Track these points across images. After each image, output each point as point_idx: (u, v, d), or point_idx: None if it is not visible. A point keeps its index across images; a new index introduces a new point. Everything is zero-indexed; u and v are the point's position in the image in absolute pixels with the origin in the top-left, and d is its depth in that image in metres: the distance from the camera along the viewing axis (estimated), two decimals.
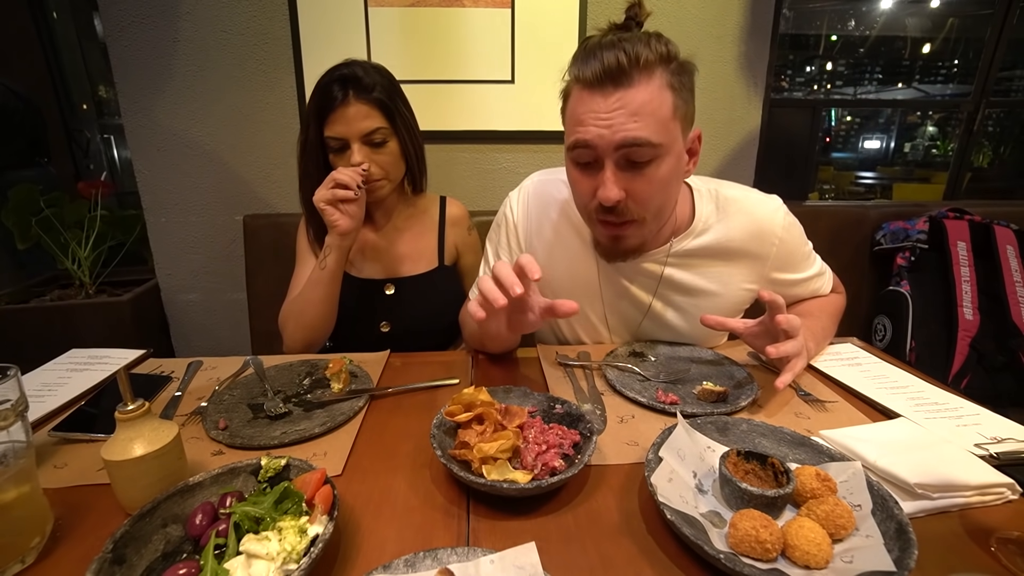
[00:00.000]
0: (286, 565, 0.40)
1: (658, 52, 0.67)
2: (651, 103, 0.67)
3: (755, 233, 0.86)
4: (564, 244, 0.92)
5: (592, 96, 0.69)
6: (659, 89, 0.68)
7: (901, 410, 0.69)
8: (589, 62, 0.68)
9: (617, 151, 0.69)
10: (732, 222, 0.86)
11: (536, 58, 1.60)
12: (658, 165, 0.70)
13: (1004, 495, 0.53)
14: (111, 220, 1.68)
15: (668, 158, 0.71)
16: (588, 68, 0.68)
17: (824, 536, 0.44)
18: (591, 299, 0.93)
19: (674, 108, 0.69)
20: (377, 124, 0.92)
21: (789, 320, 0.71)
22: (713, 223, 0.86)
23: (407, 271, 1.08)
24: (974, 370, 1.46)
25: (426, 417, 0.64)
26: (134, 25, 1.49)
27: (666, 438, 0.57)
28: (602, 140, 0.69)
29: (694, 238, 0.86)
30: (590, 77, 0.68)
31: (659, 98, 0.68)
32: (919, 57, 3.95)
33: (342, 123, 0.91)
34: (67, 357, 0.89)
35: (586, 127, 0.70)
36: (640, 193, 0.72)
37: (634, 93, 0.67)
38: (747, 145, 1.75)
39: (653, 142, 0.68)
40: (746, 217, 0.86)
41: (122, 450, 0.49)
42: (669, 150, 0.70)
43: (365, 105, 0.91)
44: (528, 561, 0.42)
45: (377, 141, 0.93)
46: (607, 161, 0.70)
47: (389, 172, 0.97)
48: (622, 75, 0.67)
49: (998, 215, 1.66)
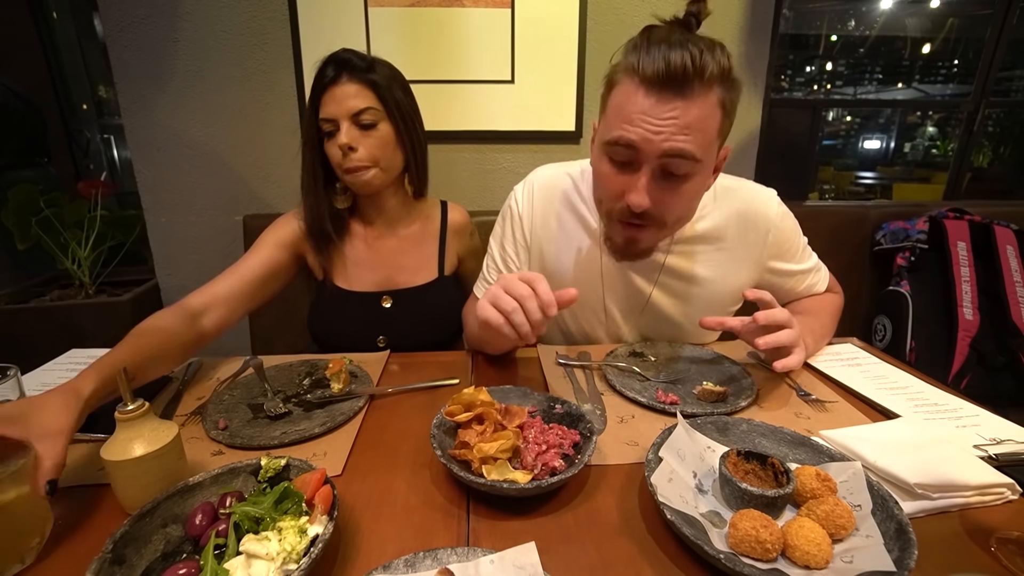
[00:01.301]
0: (286, 565, 0.40)
1: (721, 66, 0.64)
2: (704, 120, 0.66)
3: (750, 218, 0.88)
4: (568, 235, 0.93)
5: (648, 96, 0.65)
6: (714, 106, 0.66)
7: (901, 410, 0.69)
8: (653, 57, 0.64)
9: (659, 159, 0.67)
10: (728, 208, 0.88)
11: (536, 58, 1.60)
12: (692, 180, 0.70)
13: (1004, 495, 0.53)
14: (111, 220, 1.68)
15: (703, 174, 0.71)
16: (651, 64, 0.64)
17: (824, 536, 0.44)
18: (593, 289, 0.93)
19: (720, 128, 0.68)
20: (367, 104, 0.89)
21: (769, 316, 0.71)
22: (710, 210, 0.88)
23: (405, 282, 1.04)
24: (974, 370, 1.46)
25: (426, 417, 0.64)
26: (134, 25, 1.49)
27: (666, 438, 0.57)
28: (649, 145, 0.66)
29: (693, 224, 0.87)
30: (651, 75, 0.64)
31: (712, 116, 0.66)
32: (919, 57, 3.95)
33: (332, 103, 0.89)
34: (67, 357, 0.89)
35: (635, 127, 0.66)
36: (668, 203, 0.71)
37: (692, 106, 0.64)
38: (747, 145, 1.75)
39: (697, 157, 0.67)
40: (741, 203, 0.88)
41: (122, 450, 0.49)
42: (707, 167, 0.70)
43: (355, 84, 0.89)
44: (528, 561, 0.42)
45: (366, 122, 0.90)
46: (646, 167, 0.68)
47: (379, 159, 0.92)
48: (685, 84, 0.64)
49: (998, 215, 1.66)
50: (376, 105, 0.90)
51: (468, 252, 1.14)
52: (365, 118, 0.89)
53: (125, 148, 1.72)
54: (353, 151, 0.89)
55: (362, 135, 0.90)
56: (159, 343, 0.74)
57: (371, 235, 1.04)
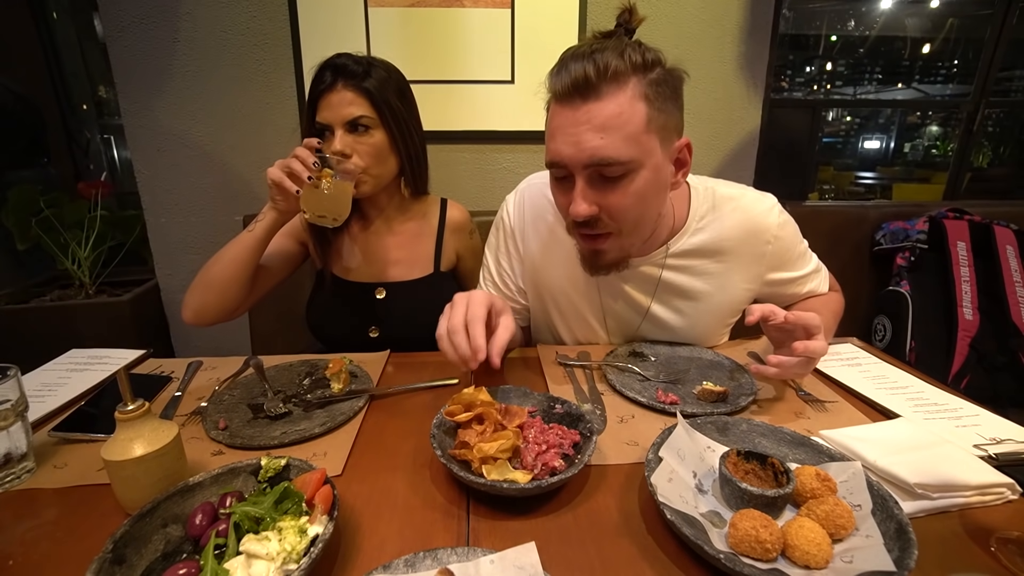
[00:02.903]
0: (286, 565, 0.40)
1: (631, 61, 0.65)
2: (619, 116, 0.65)
3: (750, 231, 0.86)
4: (560, 246, 0.90)
5: (562, 110, 0.68)
6: (630, 101, 0.65)
7: (901, 410, 0.69)
8: (560, 74, 0.67)
9: (586, 168, 0.68)
10: (727, 220, 0.85)
11: (536, 58, 1.60)
12: (631, 180, 0.68)
13: (1004, 495, 0.53)
14: (111, 220, 1.69)
15: (643, 172, 0.69)
16: (559, 81, 0.67)
17: (824, 536, 0.44)
18: (589, 302, 0.93)
19: (647, 120, 0.66)
20: (361, 112, 0.91)
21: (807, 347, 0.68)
22: (708, 222, 0.86)
23: (399, 276, 1.05)
24: (974, 370, 1.46)
25: (426, 417, 0.64)
26: (134, 25, 1.49)
27: (666, 438, 0.57)
28: (571, 155, 0.67)
29: (690, 236, 0.86)
30: (560, 90, 0.67)
31: (629, 111, 0.65)
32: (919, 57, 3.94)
33: (327, 108, 0.91)
34: (67, 357, 0.89)
35: (557, 143, 0.69)
36: (613, 207, 0.70)
37: (601, 106, 0.65)
38: (747, 145, 1.75)
39: (621, 160, 0.66)
40: (741, 215, 0.86)
41: (122, 450, 0.49)
42: (642, 164, 0.68)
43: (351, 92, 0.90)
44: (528, 561, 0.42)
45: (360, 130, 0.92)
46: (578, 177, 0.69)
47: (370, 165, 0.93)
48: (589, 87, 0.65)
49: (998, 215, 1.66)
50: (370, 113, 0.92)
51: (467, 250, 1.14)
52: (359, 125, 0.91)
53: (125, 148, 1.72)
54: (347, 158, 0.91)
55: (355, 141, 0.92)
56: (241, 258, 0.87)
57: (368, 229, 1.07)
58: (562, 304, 0.94)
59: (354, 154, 0.91)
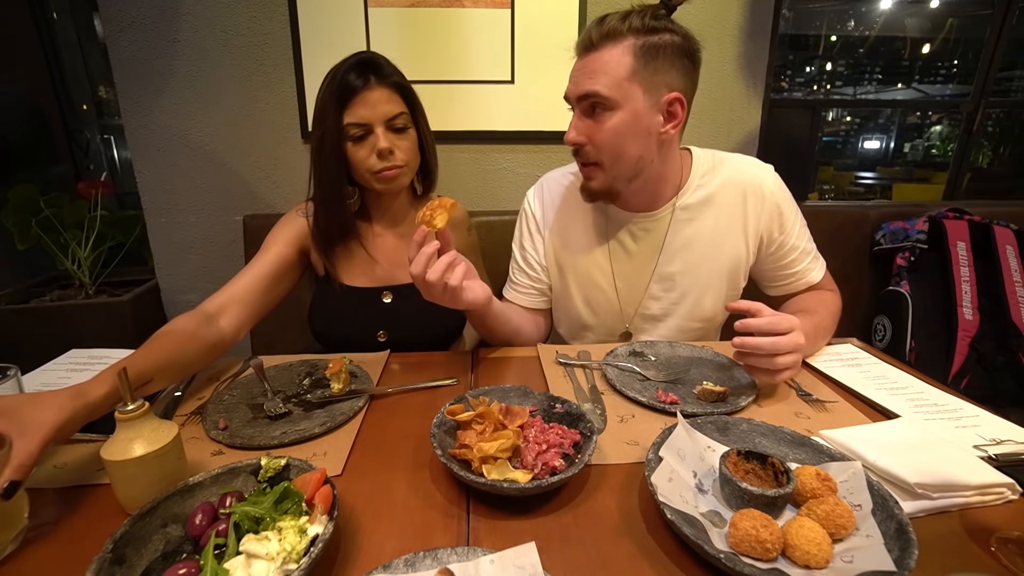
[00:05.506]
0: (286, 565, 0.40)
1: (630, 25, 0.79)
2: (609, 64, 0.80)
3: (748, 182, 0.95)
4: (576, 223, 1.02)
5: (576, 61, 0.86)
6: (620, 54, 0.80)
7: (901, 411, 0.69)
8: (581, 35, 0.85)
9: (580, 102, 0.84)
10: (727, 173, 0.96)
11: (536, 58, 1.60)
12: (610, 116, 0.82)
13: (1004, 495, 0.53)
14: (111, 220, 1.68)
15: (620, 112, 0.82)
16: (579, 39, 0.85)
17: (824, 536, 0.44)
18: (602, 267, 1.01)
19: (631, 71, 0.80)
20: (399, 109, 0.92)
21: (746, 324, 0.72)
22: (710, 178, 0.96)
23: (404, 278, 1.03)
24: (974, 370, 1.46)
25: (426, 417, 0.64)
26: (134, 25, 1.49)
27: (666, 438, 0.57)
28: (570, 93, 0.86)
29: (693, 192, 0.95)
30: (577, 45, 0.85)
31: (617, 60, 0.80)
32: (919, 57, 3.95)
33: (365, 107, 0.89)
34: (67, 357, 0.89)
35: (569, 84, 0.87)
36: (595, 138, 0.85)
37: (600, 56, 0.81)
38: (747, 145, 1.75)
39: (602, 95, 0.81)
40: (740, 171, 0.96)
41: (122, 450, 0.49)
42: (620, 105, 0.81)
43: (387, 89, 0.90)
44: (528, 561, 0.42)
45: (399, 126, 0.92)
46: (576, 109, 0.86)
47: (409, 161, 0.95)
48: (592, 44, 0.82)
49: (998, 215, 1.66)
50: (405, 110, 0.93)
51: (466, 247, 1.14)
52: (398, 122, 0.92)
53: (125, 148, 1.72)
54: (392, 154, 0.91)
55: (396, 138, 0.93)
56: (179, 345, 0.74)
57: (372, 233, 1.06)
58: (579, 270, 1.03)
59: (396, 150, 0.92)
